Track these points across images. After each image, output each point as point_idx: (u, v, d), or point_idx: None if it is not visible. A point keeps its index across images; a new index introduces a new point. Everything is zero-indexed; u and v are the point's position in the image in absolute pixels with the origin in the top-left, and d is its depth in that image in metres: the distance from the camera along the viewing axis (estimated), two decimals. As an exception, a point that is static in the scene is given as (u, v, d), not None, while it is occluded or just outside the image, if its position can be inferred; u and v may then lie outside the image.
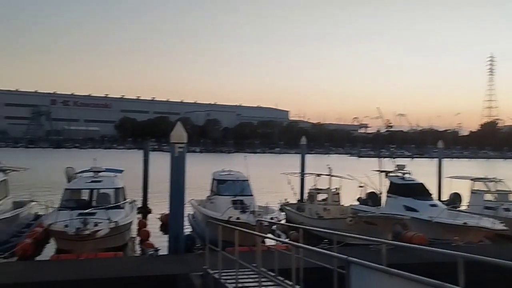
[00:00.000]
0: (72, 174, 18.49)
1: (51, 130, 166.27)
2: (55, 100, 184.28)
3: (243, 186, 17.33)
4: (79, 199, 16.32)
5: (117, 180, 17.36)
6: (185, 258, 12.09)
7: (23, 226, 17.16)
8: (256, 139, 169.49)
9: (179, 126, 13.27)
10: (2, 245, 13.59)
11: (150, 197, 24.53)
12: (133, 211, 17.33)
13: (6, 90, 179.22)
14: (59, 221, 13.54)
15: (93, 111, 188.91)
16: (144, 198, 24.09)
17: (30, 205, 18.90)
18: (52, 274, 10.35)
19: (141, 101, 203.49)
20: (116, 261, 11.77)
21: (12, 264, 11.40)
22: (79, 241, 13.00)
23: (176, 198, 12.93)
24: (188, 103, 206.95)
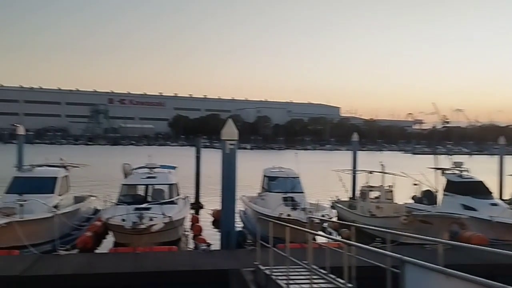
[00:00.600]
0: (129, 170, 19.15)
1: (108, 127, 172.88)
2: (112, 99, 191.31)
3: (294, 183, 17.30)
4: (135, 194, 16.90)
5: (171, 176, 17.83)
6: (236, 253, 12.24)
7: (83, 220, 17.96)
8: (307, 135, 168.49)
9: (230, 123, 13.43)
10: (64, 238, 14.27)
11: (202, 193, 25.02)
12: (186, 207, 17.73)
13: (67, 90, 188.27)
14: (116, 216, 14.09)
15: (147, 109, 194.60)
16: (197, 194, 24.59)
17: (90, 199, 19.75)
18: (110, 266, 10.80)
19: (193, 99, 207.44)
20: (171, 255, 12.09)
21: (74, 256, 11.96)
22: (135, 235, 13.46)
23: (228, 195, 13.11)
24: (238, 101, 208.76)
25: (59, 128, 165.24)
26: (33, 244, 12.90)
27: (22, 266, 10.34)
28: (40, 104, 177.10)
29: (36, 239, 13.42)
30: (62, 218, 14.71)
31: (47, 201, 14.79)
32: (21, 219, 13.13)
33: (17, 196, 14.58)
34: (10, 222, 12.82)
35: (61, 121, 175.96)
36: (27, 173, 16.48)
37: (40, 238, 13.75)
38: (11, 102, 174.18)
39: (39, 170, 16.98)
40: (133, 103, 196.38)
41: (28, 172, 16.65)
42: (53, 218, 14.07)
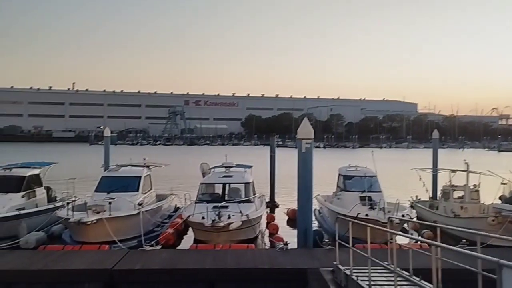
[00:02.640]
0: (207, 169, 19.74)
1: (185, 128, 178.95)
2: (188, 100, 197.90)
3: (371, 182, 16.90)
4: (213, 193, 17.37)
5: (247, 175, 18.14)
6: (314, 253, 12.20)
7: (165, 217, 18.74)
8: (382, 133, 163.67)
9: (306, 122, 13.40)
10: (148, 234, 14.99)
11: (277, 192, 25.18)
12: (262, 205, 17.94)
13: (146, 93, 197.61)
14: (196, 213, 14.59)
15: (221, 109, 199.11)
16: (272, 192, 24.77)
17: (171, 197, 20.56)
18: (192, 262, 11.20)
19: (265, 99, 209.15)
20: (249, 253, 12.30)
21: (159, 252, 12.52)
22: (214, 232, 13.88)
23: (304, 194, 13.09)
24: (311, 99, 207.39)
25: (140, 129, 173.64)
26: (121, 240, 13.68)
27: (112, 260, 11.03)
28: (122, 107, 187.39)
29: (123, 235, 14.21)
30: (146, 215, 15.46)
31: (132, 199, 15.62)
32: (110, 216, 14.00)
33: (105, 194, 15.57)
34: (100, 218, 13.72)
35: (141, 122, 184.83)
36: (113, 173, 17.49)
37: (127, 234, 14.53)
38: (96, 105, 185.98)
39: (124, 169, 17.96)
40: (208, 104, 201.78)
41: (115, 171, 17.66)
42: (138, 215, 14.82)
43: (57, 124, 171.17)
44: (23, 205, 16.05)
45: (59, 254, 11.84)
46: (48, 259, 11.13)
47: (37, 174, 17.79)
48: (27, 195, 16.57)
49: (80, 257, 11.39)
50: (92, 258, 11.36)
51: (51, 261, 10.95)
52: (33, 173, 17.48)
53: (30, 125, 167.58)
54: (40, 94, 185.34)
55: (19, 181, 16.62)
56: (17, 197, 16.03)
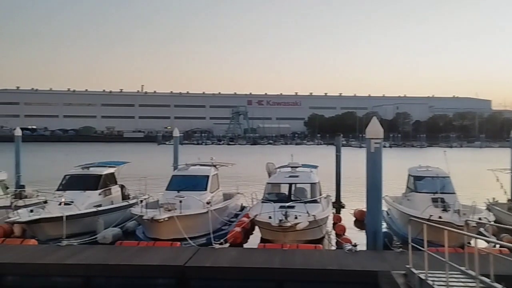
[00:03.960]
0: (272, 169, 19.83)
1: (248, 128, 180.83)
2: (251, 100, 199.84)
3: (443, 183, 16.19)
4: (279, 192, 17.41)
5: (313, 176, 18.01)
6: (384, 255, 11.90)
7: (232, 215, 19.02)
8: (452, 132, 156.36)
9: (375, 121, 13.10)
10: (216, 232, 15.28)
11: (342, 192, 24.81)
12: (329, 206, 17.75)
13: (211, 94, 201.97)
14: (263, 213, 14.71)
15: (284, 109, 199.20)
16: (337, 193, 24.43)
17: (237, 196, 20.86)
18: (261, 260, 11.29)
19: (328, 98, 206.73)
20: (317, 253, 12.22)
21: (227, 250, 12.76)
22: (281, 232, 13.91)
23: (373, 194, 12.81)
24: (375, 97, 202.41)
25: (204, 129, 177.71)
26: (191, 237, 14.08)
27: (184, 257, 11.38)
28: (188, 108, 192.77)
29: (193, 232, 14.61)
30: (215, 214, 15.80)
31: (201, 197, 16.00)
32: (180, 214, 14.45)
33: (175, 192, 16.08)
34: (171, 216, 14.20)
35: (206, 123, 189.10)
36: (183, 172, 18.01)
37: (196, 231, 14.93)
38: (163, 106, 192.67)
39: (193, 169, 18.44)
40: (270, 103, 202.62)
41: (184, 171, 18.19)
42: (207, 213, 15.19)
43: (128, 124, 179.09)
44: (100, 202, 16.95)
45: (135, 250, 12.40)
46: (124, 254, 11.69)
47: (112, 172, 18.71)
48: (103, 192, 17.48)
49: (154, 253, 11.86)
50: (165, 254, 11.79)
51: (127, 256, 11.49)
52: (108, 171, 18.41)
53: (103, 126, 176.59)
54: (112, 97, 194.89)
55: (96, 179, 17.57)
56: (94, 194, 16.96)
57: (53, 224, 14.36)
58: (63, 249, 12.45)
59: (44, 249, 12.55)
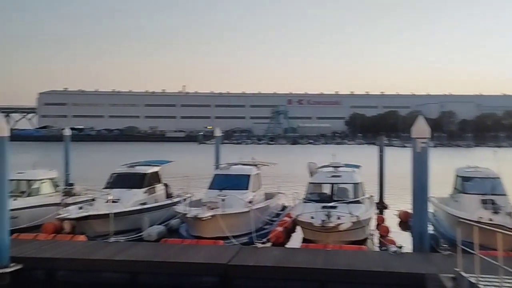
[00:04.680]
0: (314, 168, 19.69)
1: (288, 127, 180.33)
2: (291, 99, 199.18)
3: (493, 184, 15.56)
4: (321, 192, 17.27)
5: (355, 176, 17.74)
6: (431, 257, 11.60)
7: (273, 215, 19.02)
8: (501, 131, 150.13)
9: (421, 120, 12.77)
10: (258, 232, 15.33)
11: (385, 193, 24.35)
12: (372, 207, 17.46)
13: (251, 93, 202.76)
14: (305, 213, 14.63)
15: (324, 108, 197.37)
16: (380, 193, 24.00)
17: (278, 196, 20.85)
18: (303, 260, 11.25)
19: (370, 96, 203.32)
20: (361, 254, 12.04)
21: (270, 249, 12.78)
22: (324, 233, 13.80)
23: (419, 195, 12.50)
24: (419, 95, 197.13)
25: (244, 129, 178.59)
26: (234, 236, 14.20)
27: (227, 255, 11.49)
28: (228, 108, 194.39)
29: (235, 231, 14.70)
30: (257, 213, 15.85)
31: (243, 196, 16.08)
32: (223, 213, 14.59)
33: (217, 191, 16.25)
34: (214, 215, 14.36)
35: (246, 122, 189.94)
36: (225, 171, 18.17)
37: (239, 230, 15.01)
38: (204, 106, 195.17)
39: (235, 168, 18.56)
40: (310, 103, 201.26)
41: (226, 170, 18.35)
42: (249, 212, 15.26)
43: (170, 124, 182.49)
44: (145, 200, 17.35)
45: (179, 247, 12.63)
46: (169, 252, 11.93)
47: (156, 171, 19.12)
48: (148, 191, 17.89)
49: (197, 251, 12.04)
50: (208, 252, 11.94)
51: (172, 254, 11.72)
52: (153, 170, 18.83)
53: (146, 126, 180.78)
54: (155, 97, 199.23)
55: (141, 177, 18.00)
56: (139, 192, 17.38)
57: (101, 221, 14.82)
58: (111, 245, 12.84)
59: (93, 245, 12.98)
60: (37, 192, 17.81)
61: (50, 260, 11.41)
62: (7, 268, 10.85)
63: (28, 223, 15.73)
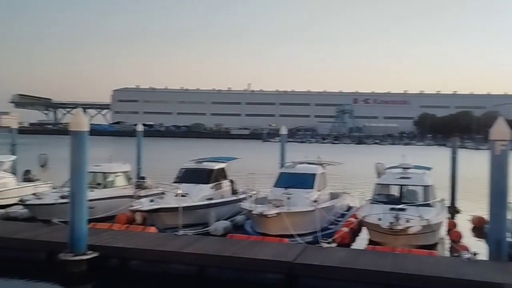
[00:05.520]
0: (382, 169, 19.20)
1: (353, 127, 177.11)
2: (357, 98, 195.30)
3: None
4: (389, 194, 16.81)
5: (426, 178, 17.08)
6: (509, 267, 10.94)
7: (338, 215, 18.74)
8: None
9: (501, 121, 12.06)
10: (323, 231, 15.18)
11: (458, 197, 23.26)
12: (443, 210, 16.75)
13: (316, 92, 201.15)
14: (372, 214, 14.32)
15: (391, 107, 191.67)
16: (452, 197, 22.96)
17: (344, 196, 20.53)
18: (370, 263, 11.03)
19: (441, 96, 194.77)
20: (431, 259, 11.60)
21: (335, 249, 12.63)
22: (391, 235, 13.44)
23: (497, 200, 11.80)
24: (496, 95, 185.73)
25: (308, 127, 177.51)
26: (298, 234, 14.17)
27: (292, 254, 11.51)
28: (292, 106, 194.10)
29: (300, 229, 14.64)
30: (322, 212, 15.72)
31: (308, 195, 16.01)
32: (288, 211, 14.61)
33: (283, 189, 16.28)
34: (279, 212, 14.41)
35: (310, 121, 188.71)
36: (291, 169, 18.16)
37: (303, 229, 14.94)
38: (269, 104, 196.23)
39: (300, 167, 18.50)
40: (377, 102, 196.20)
41: (291, 168, 18.34)
42: (314, 211, 15.17)
43: (234, 122, 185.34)
44: (212, 195, 17.76)
45: (245, 243, 12.81)
46: (236, 247, 12.14)
47: (223, 167, 19.50)
48: (215, 186, 18.28)
49: (263, 248, 12.15)
50: (274, 249, 12.02)
51: (239, 249, 11.92)
52: (220, 166, 19.22)
53: (212, 123, 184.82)
54: (221, 95, 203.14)
55: (208, 173, 18.43)
56: (206, 188, 17.81)
57: (170, 214, 15.35)
58: (180, 238, 13.27)
59: (163, 237, 13.49)
60: (112, 185, 18.75)
61: (124, 249, 11.98)
62: (85, 255, 11.54)
63: (103, 214, 16.59)
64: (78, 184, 11.68)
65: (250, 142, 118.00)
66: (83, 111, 13.21)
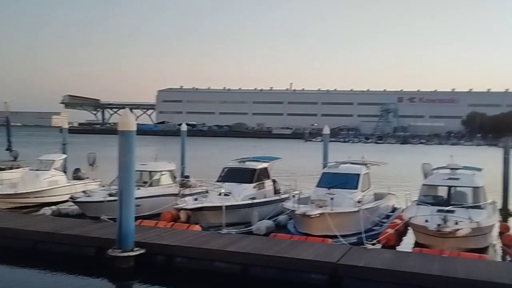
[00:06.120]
0: (429, 170, 18.67)
1: (397, 126, 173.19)
2: (401, 97, 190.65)
3: None
4: (437, 195, 16.33)
5: (476, 179, 16.47)
6: None
7: (383, 216, 18.41)
8: None
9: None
10: (367, 232, 14.92)
11: (510, 199, 22.29)
12: (494, 213, 16.09)
13: (359, 91, 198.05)
14: (419, 216, 13.96)
15: (438, 106, 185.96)
16: (505, 199, 22.05)
17: (388, 197, 20.12)
18: (417, 266, 10.75)
19: (491, 94, 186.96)
20: (482, 264, 11.19)
21: (380, 251, 12.41)
22: (439, 238, 13.07)
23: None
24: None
25: (351, 127, 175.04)
26: (342, 235, 14.00)
27: (336, 254, 11.38)
28: (335, 105, 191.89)
29: (343, 230, 14.48)
30: (366, 213, 15.47)
31: (352, 196, 15.79)
32: (332, 211, 14.47)
33: (326, 189, 16.13)
34: (322, 213, 14.29)
35: (353, 120, 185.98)
36: (334, 169, 17.98)
37: (347, 230, 14.77)
38: (311, 104, 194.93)
39: (343, 167, 18.28)
40: (423, 100, 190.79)
41: (335, 168, 18.15)
42: (358, 212, 14.96)
43: (276, 121, 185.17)
44: (254, 195, 17.83)
45: (288, 243, 12.78)
46: (279, 247, 12.13)
47: (265, 167, 19.55)
48: (257, 186, 18.36)
49: (306, 248, 12.09)
50: (317, 250, 11.93)
51: (282, 249, 11.91)
52: (262, 166, 19.27)
53: (254, 122, 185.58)
54: (263, 94, 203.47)
55: (251, 173, 18.53)
56: (249, 187, 17.91)
57: (214, 213, 15.55)
58: (223, 236, 13.41)
59: (207, 235, 13.66)
60: (157, 183, 19.18)
61: (169, 247, 12.22)
62: (132, 252, 11.85)
63: (149, 211, 16.99)
64: (125, 182, 12.00)
65: (291, 142, 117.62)
66: (130, 112, 13.54)
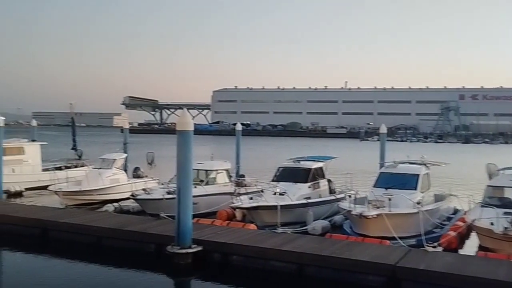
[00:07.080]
0: (494, 170, 17.81)
1: (459, 125, 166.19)
2: (463, 95, 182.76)
3: None
4: (503, 197, 15.54)
5: (547, 180, 15.51)
6: None
7: (444, 218, 17.74)
8: None
9: None
10: (427, 235, 14.44)
11: None
12: None
13: (417, 88, 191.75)
14: (483, 218, 13.35)
15: (504, 103, 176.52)
16: None
17: (450, 198, 19.36)
18: (481, 270, 10.28)
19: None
20: (555, 271, 10.50)
21: (441, 254, 11.96)
22: (506, 242, 12.45)
23: None
24: None
25: (409, 126, 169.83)
26: (400, 237, 13.62)
27: (395, 257, 11.10)
28: (392, 104, 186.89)
29: (401, 232, 14.09)
30: (426, 215, 14.97)
31: (410, 197, 15.31)
32: (389, 212, 14.11)
33: (383, 190, 15.73)
34: (380, 214, 13.97)
35: (411, 119, 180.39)
36: (392, 169, 17.50)
37: (405, 231, 14.36)
38: (366, 102, 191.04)
39: (402, 166, 17.76)
40: (487, 98, 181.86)
41: (393, 168, 17.67)
42: (417, 214, 14.50)
43: (331, 120, 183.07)
44: (309, 194, 17.72)
45: (344, 243, 12.62)
46: (334, 247, 11.99)
47: (321, 167, 19.37)
48: (312, 186, 18.23)
49: (363, 249, 11.87)
50: (374, 251, 11.69)
51: (337, 249, 11.76)
52: (317, 166, 19.11)
53: (308, 122, 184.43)
54: (317, 93, 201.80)
55: (306, 172, 18.42)
56: (304, 187, 17.82)
57: (269, 212, 15.60)
58: (278, 236, 13.44)
59: (263, 234, 13.74)
60: (213, 182, 19.52)
61: (226, 244, 12.40)
62: (190, 249, 12.14)
63: (206, 209, 17.31)
64: (183, 180, 12.29)
65: (347, 141, 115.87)
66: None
